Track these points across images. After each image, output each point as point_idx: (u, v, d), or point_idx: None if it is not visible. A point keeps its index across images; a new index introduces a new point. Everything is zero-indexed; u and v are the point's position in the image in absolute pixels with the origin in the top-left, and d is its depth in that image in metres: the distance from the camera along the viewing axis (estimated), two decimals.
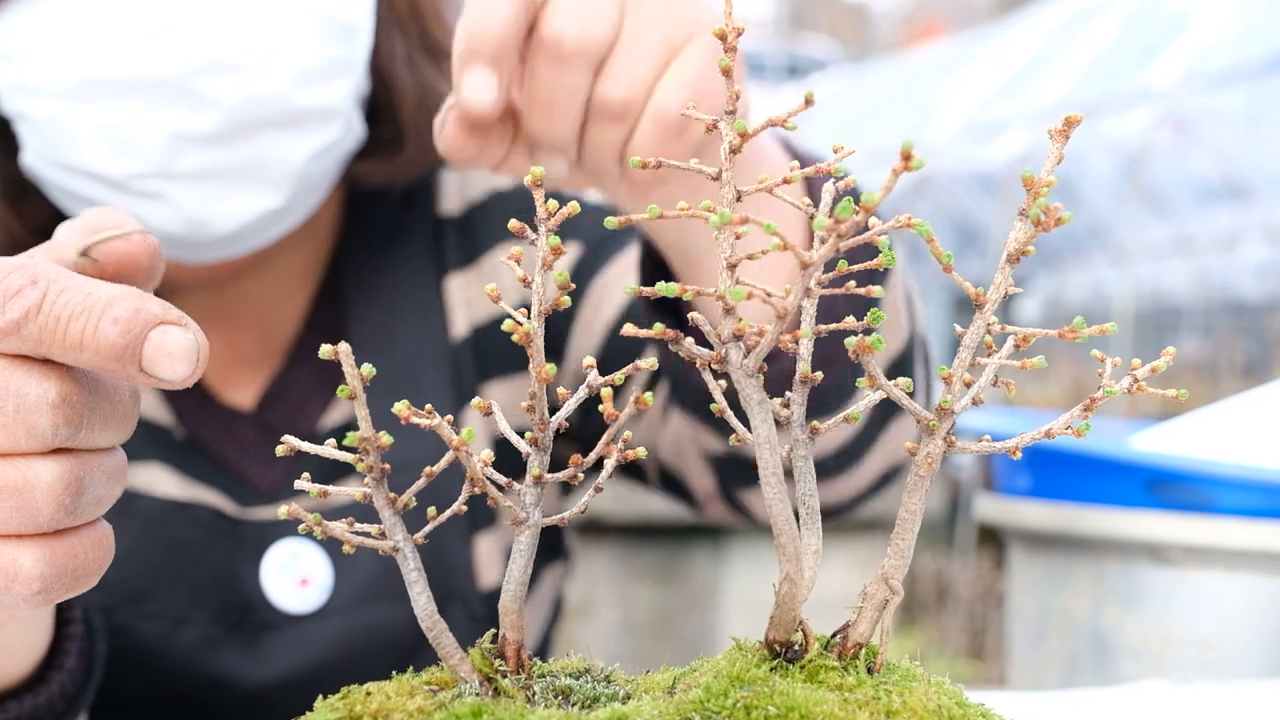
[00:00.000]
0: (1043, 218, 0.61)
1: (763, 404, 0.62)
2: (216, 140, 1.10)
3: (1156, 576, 1.54)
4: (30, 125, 1.13)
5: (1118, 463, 1.62)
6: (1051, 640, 1.67)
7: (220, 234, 1.14)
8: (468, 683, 0.61)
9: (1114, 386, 0.63)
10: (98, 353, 0.61)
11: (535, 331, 0.62)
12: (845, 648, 0.64)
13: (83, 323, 0.61)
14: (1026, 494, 1.72)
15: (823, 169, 0.65)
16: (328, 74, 1.14)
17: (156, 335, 0.62)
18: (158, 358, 0.62)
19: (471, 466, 0.62)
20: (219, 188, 1.12)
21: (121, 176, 1.10)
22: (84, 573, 0.66)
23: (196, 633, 1.18)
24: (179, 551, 1.18)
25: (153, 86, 1.09)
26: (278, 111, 1.11)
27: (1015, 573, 1.82)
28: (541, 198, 0.63)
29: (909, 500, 0.64)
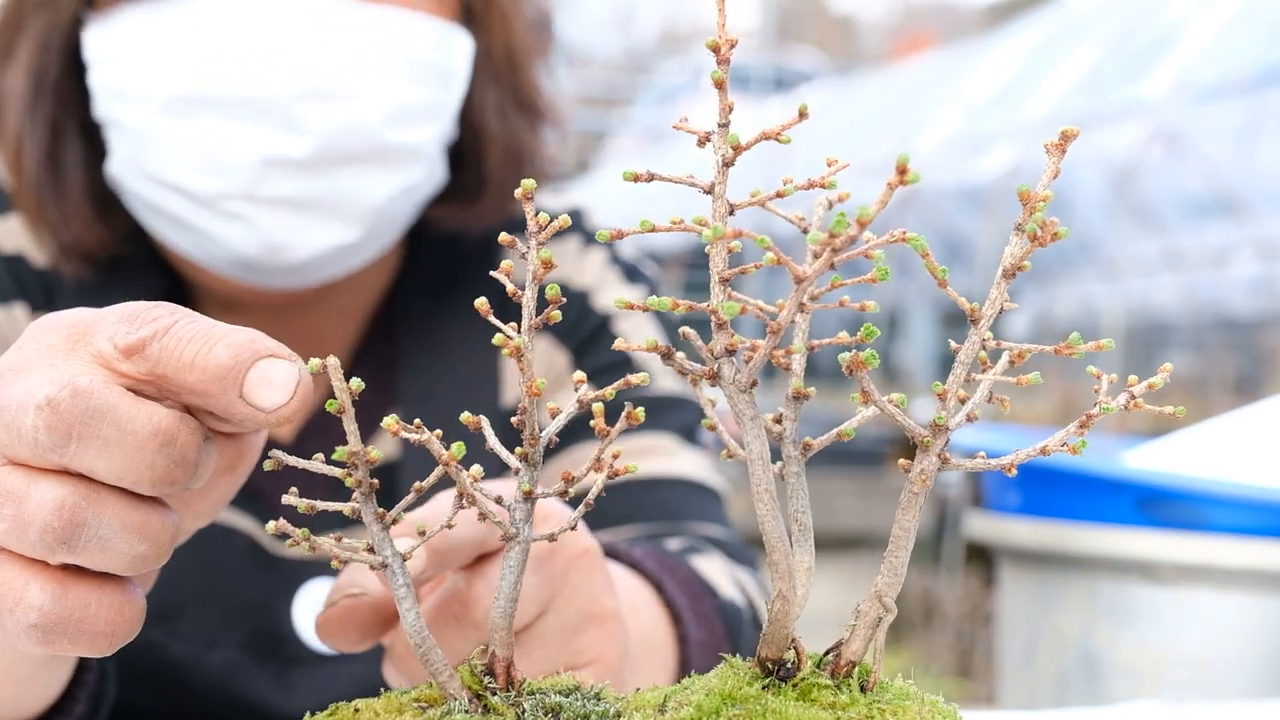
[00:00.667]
0: (1039, 232, 0.60)
1: (755, 420, 0.61)
2: (305, 168, 1.11)
3: (1148, 595, 1.53)
4: (122, 133, 1.13)
5: (1109, 480, 1.61)
6: (1042, 659, 1.66)
7: (293, 262, 1.14)
8: (457, 699, 0.61)
9: (1110, 403, 0.62)
10: (205, 373, 0.62)
11: (526, 345, 0.62)
12: (838, 666, 0.63)
13: (198, 345, 0.62)
14: (1017, 511, 1.72)
15: (816, 183, 0.64)
16: (420, 116, 1.16)
17: (263, 364, 0.62)
18: (259, 384, 0.62)
19: (461, 482, 0.61)
20: (300, 216, 1.13)
21: (207, 194, 1.11)
22: (91, 629, 0.64)
23: (225, 656, 1.18)
24: (213, 574, 1.18)
25: (250, 107, 1.09)
26: (368, 146, 1.13)
27: (1005, 591, 1.81)
28: (532, 210, 0.63)
29: (903, 517, 0.64)
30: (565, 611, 0.83)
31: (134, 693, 1.16)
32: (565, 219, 0.62)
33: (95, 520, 0.62)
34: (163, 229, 1.17)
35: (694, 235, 0.60)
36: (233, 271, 1.17)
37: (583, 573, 0.84)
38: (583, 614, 0.83)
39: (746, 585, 1.17)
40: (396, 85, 1.13)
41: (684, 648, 1.03)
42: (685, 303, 0.60)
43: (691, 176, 0.63)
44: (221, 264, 1.16)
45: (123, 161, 1.15)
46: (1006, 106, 9.34)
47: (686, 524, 1.23)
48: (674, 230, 0.62)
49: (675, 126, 0.65)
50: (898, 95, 12.03)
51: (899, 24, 27.75)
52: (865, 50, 27.08)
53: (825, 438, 0.67)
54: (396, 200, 1.17)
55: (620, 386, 0.63)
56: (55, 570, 0.64)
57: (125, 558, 0.64)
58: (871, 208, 0.57)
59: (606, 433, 0.62)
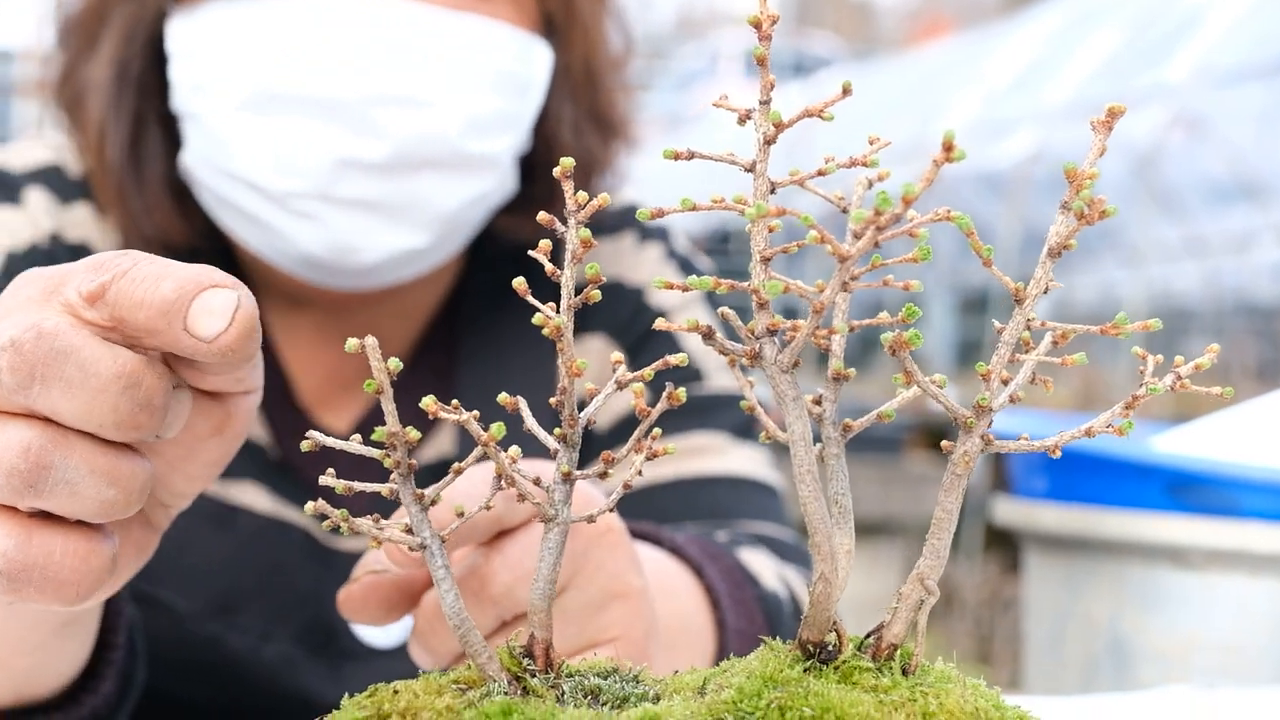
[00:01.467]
0: (1086, 210, 0.59)
1: (797, 400, 0.61)
2: (379, 171, 1.11)
3: (1178, 581, 1.52)
4: (198, 126, 1.14)
5: (1138, 465, 1.60)
6: (1069, 644, 1.65)
7: (361, 265, 1.15)
8: (496, 681, 0.60)
9: (1157, 384, 0.62)
10: (151, 309, 0.61)
11: (565, 325, 0.61)
12: (879, 649, 0.63)
13: (149, 284, 0.62)
14: (1044, 497, 1.71)
15: (858, 160, 0.63)
16: (496, 125, 1.16)
17: (205, 295, 0.62)
18: (200, 314, 0.62)
19: (500, 463, 0.61)
20: (372, 219, 1.13)
21: (280, 192, 1.11)
22: (56, 577, 0.64)
23: (280, 650, 1.19)
24: (271, 569, 1.19)
25: (328, 108, 1.10)
26: (443, 153, 1.13)
27: (1032, 576, 1.80)
28: (570, 189, 0.62)
29: (945, 499, 0.63)
30: (587, 589, 0.82)
31: (189, 686, 1.17)
32: (605, 197, 0.62)
33: (62, 463, 0.62)
34: (233, 223, 1.17)
35: (709, 219, 0.60)
36: (300, 270, 1.17)
37: (605, 550, 0.83)
38: (605, 591, 0.83)
39: (791, 581, 1.17)
40: (475, 94, 1.13)
41: (722, 634, 1.03)
42: (727, 282, 0.60)
43: (732, 154, 0.62)
44: (289, 262, 1.16)
45: (197, 154, 1.15)
46: (1026, 92, 9.30)
47: (738, 522, 1.23)
48: (714, 209, 0.61)
49: (715, 104, 0.64)
50: (916, 80, 11.99)
51: (917, 9, 27.66)
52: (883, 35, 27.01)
53: (865, 419, 0.66)
54: (467, 208, 1.17)
55: (659, 366, 0.62)
56: (21, 515, 0.63)
57: (94, 503, 0.63)
58: (917, 185, 0.56)
59: (646, 413, 0.61)
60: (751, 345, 0.60)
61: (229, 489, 1.18)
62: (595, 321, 1.29)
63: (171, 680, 1.16)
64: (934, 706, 0.59)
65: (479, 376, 1.26)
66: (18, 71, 10.86)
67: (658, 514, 1.21)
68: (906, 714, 0.58)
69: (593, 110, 1.27)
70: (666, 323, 0.61)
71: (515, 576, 0.79)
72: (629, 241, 1.35)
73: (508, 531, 0.81)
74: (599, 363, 1.27)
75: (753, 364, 0.60)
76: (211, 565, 1.18)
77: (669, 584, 1.00)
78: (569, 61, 1.24)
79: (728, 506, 1.24)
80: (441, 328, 1.31)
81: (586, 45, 1.25)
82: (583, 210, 0.62)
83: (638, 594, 0.84)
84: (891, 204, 0.56)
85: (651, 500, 1.23)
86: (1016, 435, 0.61)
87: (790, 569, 1.19)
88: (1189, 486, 1.56)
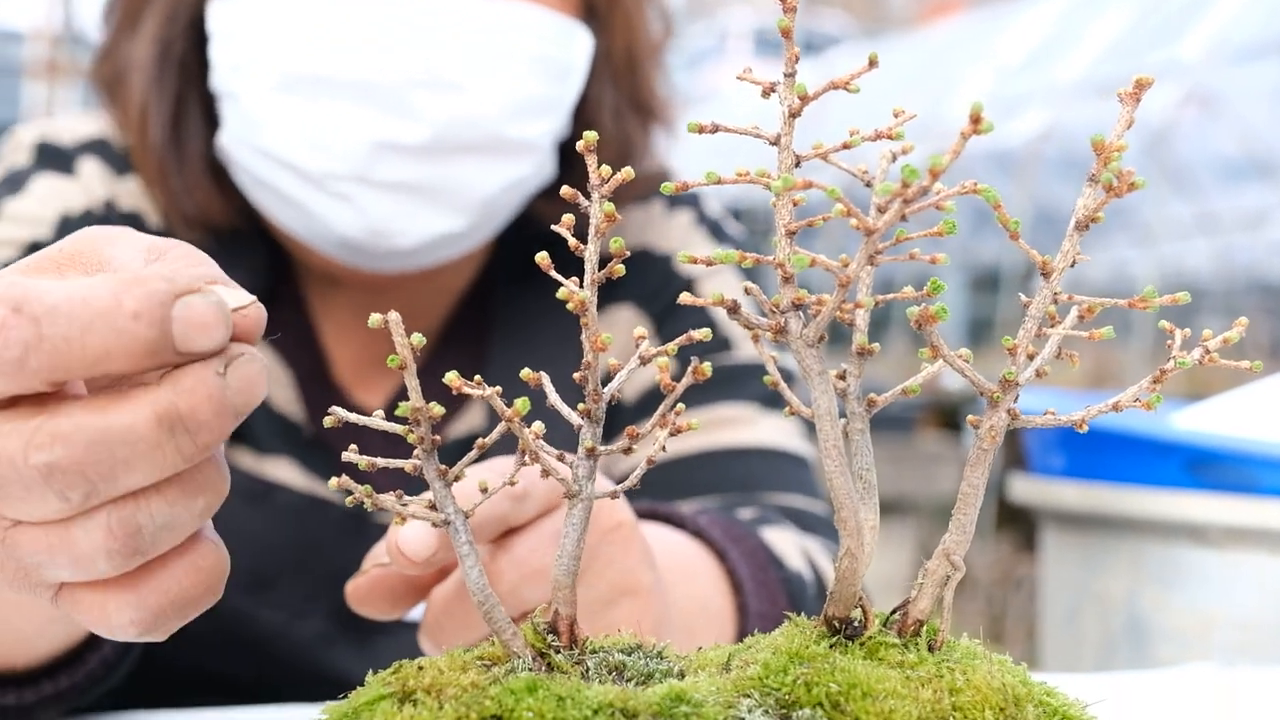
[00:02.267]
0: (1115, 183, 0.59)
1: (823, 375, 0.60)
2: (418, 155, 1.11)
3: (1197, 558, 1.52)
4: (236, 106, 1.14)
5: (1157, 442, 1.60)
6: (1086, 622, 1.65)
7: (398, 248, 1.15)
8: (520, 657, 0.60)
9: (1186, 357, 0.61)
10: (130, 357, 0.52)
11: (589, 299, 0.61)
12: (905, 625, 0.62)
13: (101, 334, 0.52)
14: (1061, 474, 1.70)
15: (883, 133, 0.63)
16: (536, 110, 1.16)
17: (179, 312, 0.53)
18: (190, 333, 0.53)
19: (525, 439, 0.60)
20: (409, 203, 1.13)
21: (317, 174, 1.11)
22: (188, 602, 0.58)
23: (313, 627, 1.19)
24: (307, 546, 1.20)
25: (367, 91, 1.10)
26: (482, 137, 1.13)
27: (1049, 554, 1.80)
28: (594, 163, 0.61)
29: (971, 474, 0.63)
30: (597, 585, 0.82)
31: (221, 662, 1.17)
32: (628, 171, 0.61)
33: (145, 519, 0.56)
34: (269, 204, 1.17)
35: (721, 197, 0.59)
36: (335, 252, 1.17)
37: (616, 546, 0.83)
38: (615, 587, 0.83)
39: (815, 556, 1.16)
40: (515, 79, 1.13)
41: (743, 618, 1.02)
42: (753, 255, 0.59)
43: (756, 127, 0.62)
44: (325, 243, 1.17)
45: (234, 134, 1.15)
46: (1037, 69, 9.26)
47: (764, 494, 1.23)
48: (738, 183, 0.61)
49: (739, 77, 0.64)
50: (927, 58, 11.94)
51: None
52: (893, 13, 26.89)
53: (890, 394, 0.66)
54: (505, 193, 1.17)
55: (682, 342, 0.62)
56: (119, 581, 0.58)
57: (192, 519, 0.57)
58: (944, 158, 0.55)
59: (672, 388, 0.61)
60: (777, 320, 0.59)
61: (264, 465, 1.19)
62: (623, 291, 1.29)
63: (203, 656, 1.16)
64: (961, 682, 0.59)
65: (508, 354, 1.26)
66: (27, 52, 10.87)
67: (687, 487, 1.21)
68: (933, 689, 0.58)
69: (633, 95, 1.28)
70: (691, 296, 0.60)
71: (522, 575, 0.79)
72: (658, 209, 1.35)
73: (515, 530, 0.81)
74: (627, 332, 1.26)
75: (778, 338, 0.60)
76: (246, 541, 1.18)
77: (690, 568, 1.00)
78: (610, 46, 1.24)
79: (757, 478, 1.24)
80: (473, 307, 1.31)
81: (628, 30, 1.25)
82: (606, 185, 0.61)
83: (647, 590, 0.84)
84: (919, 176, 0.55)
85: (680, 473, 1.23)
86: (1052, 409, 0.61)
87: (816, 543, 1.19)
88: (1208, 463, 1.55)
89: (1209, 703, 1.12)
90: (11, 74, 11.70)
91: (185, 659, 1.15)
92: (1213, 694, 1.15)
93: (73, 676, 0.90)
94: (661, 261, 1.32)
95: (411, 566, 0.76)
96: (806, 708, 0.56)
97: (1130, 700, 1.07)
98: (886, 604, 0.65)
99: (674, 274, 1.31)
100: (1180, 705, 1.11)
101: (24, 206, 1.21)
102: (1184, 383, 4.55)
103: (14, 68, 11.43)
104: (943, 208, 0.59)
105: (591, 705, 0.55)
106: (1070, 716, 0.61)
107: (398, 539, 0.77)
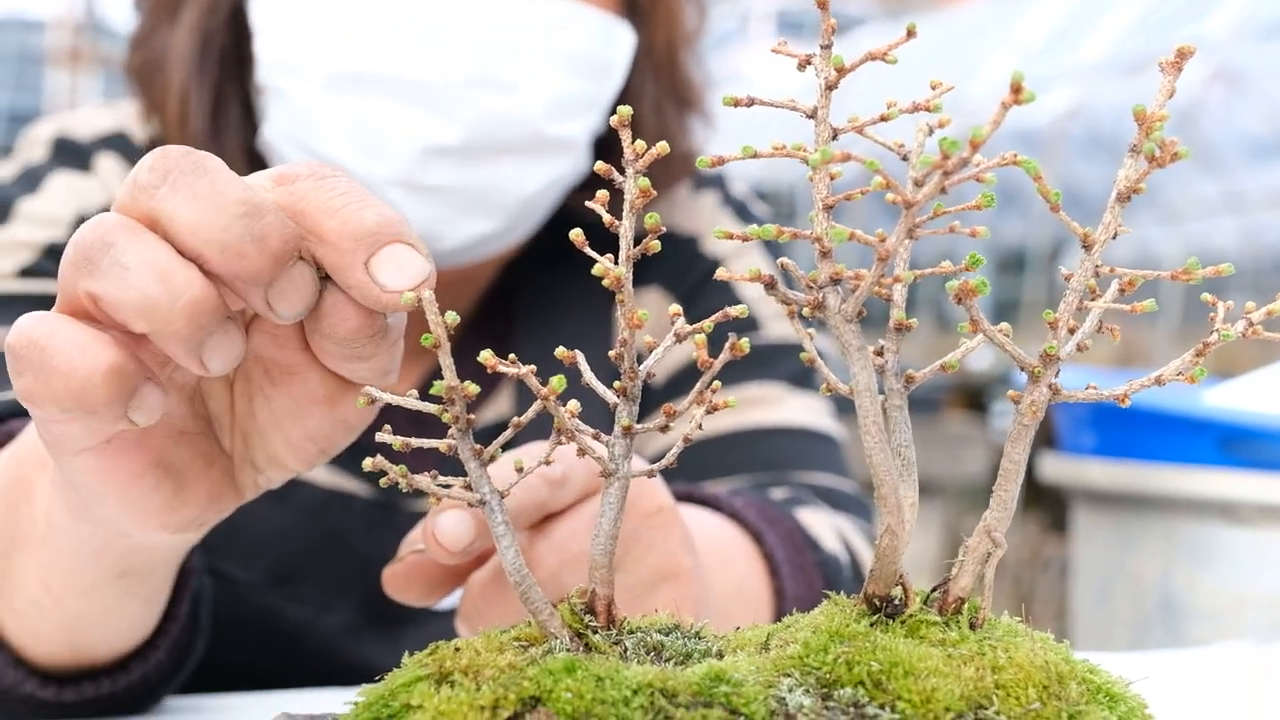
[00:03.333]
0: (1158, 153, 0.58)
1: (862, 350, 0.59)
2: (462, 156, 1.11)
3: (1229, 536, 1.50)
4: (283, 103, 1.13)
5: (1189, 420, 1.58)
6: (1118, 601, 1.64)
7: (439, 251, 1.15)
8: (558, 638, 0.60)
9: (1229, 329, 0.60)
10: (345, 225, 0.60)
11: (625, 276, 0.60)
12: (946, 602, 0.62)
13: (349, 199, 0.61)
14: (1092, 452, 1.69)
15: (920, 105, 0.62)
16: (576, 108, 1.15)
17: (400, 248, 0.60)
18: (388, 261, 0.60)
19: (560, 417, 0.60)
20: (452, 207, 1.13)
21: (363, 177, 1.11)
22: (50, 363, 0.58)
23: (340, 619, 1.19)
24: (332, 539, 1.19)
25: (412, 91, 1.09)
26: (524, 137, 1.13)
27: (1080, 533, 1.79)
28: (629, 138, 0.61)
29: (1012, 450, 0.62)
30: (637, 570, 0.82)
31: (249, 655, 1.17)
32: (663, 146, 0.61)
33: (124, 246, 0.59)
34: None
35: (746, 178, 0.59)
36: None
37: (657, 531, 0.82)
38: (656, 572, 0.82)
39: (849, 537, 1.16)
40: (557, 77, 1.13)
41: (780, 601, 1.02)
42: (790, 230, 0.58)
43: (793, 101, 0.61)
44: None
45: (279, 129, 1.15)
46: (1062, 48, 9.21)
47: (795, 473, 1.22)
48: (775, 156, 0.60)
49: (774, 50, 0.63)
50: (952, 38, 11.88)
51: None
52: None
53: (928, 370, 0.65)
54: (544, 191, 1.17)
55: (719, 319, 0.61)
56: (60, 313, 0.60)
57: (136, 293, 0.58)
58: (985, 128, 0.55)
59: (709, 364, 0.60)
60: (815, 295, 0.59)
61: None
62: (650, 273, 1.29)
63: (231, 649, 1.16)
64: (1003, 660, 0.58)
65: (535, 342, 1.26)
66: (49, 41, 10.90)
67: (717, 467, 1.21)
68: (975, 667, 0.58)
69: (673, 90, 1.27)
70: (727, 271, 0.60)
71: (561, 560, 0.79)
72: (684, 191, 1.34)
73: (554, 516, 0.80)
74: (654, 314, 1.26)
75: (815, 314, 0.59)
76: (270, 538, 1.18)
77: (727, 552, 1.00)
78: (651, 41, 1.24)
79: (788, 457, 1.23)
80: (499, 297, 1.31)
81: (669, 24, 1.25)
82: (641, 160, 0.61)
83: (688, 574, 0.84)
84: (959, 148, 0.54)
85: (711, 453, 1.22)
86: (1094, 384, 0.60)
87: (847, 522, 1.18)
88: (1240, 441, 1.53)
89: (1243, 682, 1.11)
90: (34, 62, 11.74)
91: (213, 653, 1.15)
92: (1247, 673, 1.14)
93: (144, 666, 0.90)
94: (688, 244, 1.31)
95: (448, 556, 0.76)
96: (848, 686, 0.56)
97: (1164, 679, 1.07)
98: (914, 585, 0.65)
99: (700, 256, 1.31)
100: (1214, 684, 1.10)
101: (41, 206, 1.21)
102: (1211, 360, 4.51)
103: (37, 56, 11.47)
104: (983, 179, 0.59)
105: (630, 685, 0.54)
106: (1113, 694, 0.60)
107: (434, 527, 0.76)
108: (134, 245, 0.58)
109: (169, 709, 0.94)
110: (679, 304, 0.71)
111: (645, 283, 1.28)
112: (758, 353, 1.25)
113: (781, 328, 1.28)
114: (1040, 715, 0.57)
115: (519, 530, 0.80)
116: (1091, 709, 0.58)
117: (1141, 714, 0.60)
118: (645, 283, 1.28)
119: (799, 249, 4.20)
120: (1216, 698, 1.04)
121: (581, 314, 1.25)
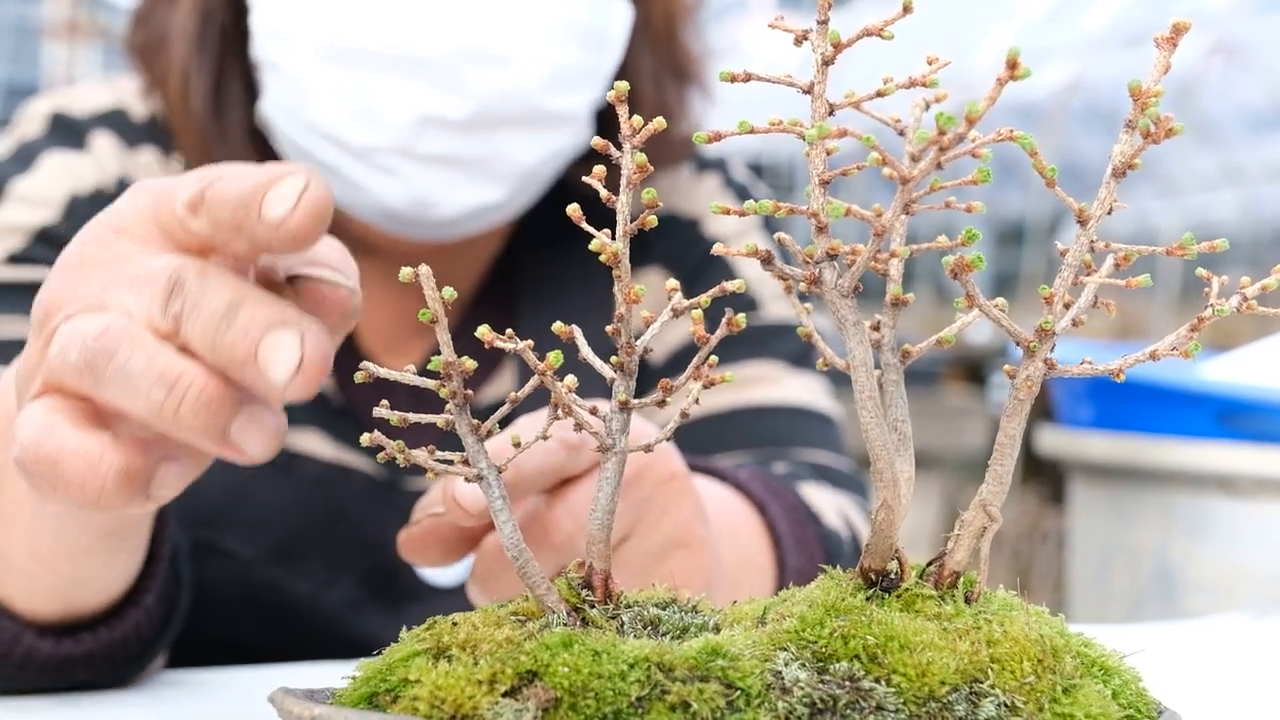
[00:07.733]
0: (1153, 129, 0.58)
1: (858, 325, 0.60)
2: (461, 128, 1.11)
3: (1227, 509, 1.50)
4: (278, 75, 1.13)
5: (1187, 393, 1.58)
6: (1115, 574, 1.64)
7: (439, 218, 1.15)
8: (555, 613, 0.60)
9: (1224, 305, 0.60)
10: (235, 201, 0.61)
11: (622, 251, 0.60)
12: (941, 576, 0.62)
13: (236, 180, 0.61)
14: (1090, 425, 1.69)
15: (917, 81, 0.62)
16: (576, 81, 1.15)
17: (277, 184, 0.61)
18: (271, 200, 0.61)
19: (557, 392, 0.60)
20: (452, 175, 1.13)
21: (361, 147, 1.11)
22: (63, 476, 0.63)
23: (343, 594, 1.20)
24: (334, 514, 1.20)
25: (409, 64, 1.09)
26: (524, 110, 1.12)
27: (1077, 506, 1.79)
28: (625, 114, 0.61)
29: (1008, 424, 0.62)
30: (650, 537, 0.82)
31: (251, 630, 1.18)
32: (660, 122, 0.61)
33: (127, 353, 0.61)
34: None
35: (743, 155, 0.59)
36: (378, 221, 1.18)
37: (670, 498, 0.83)
38: (668, 539, 0.82)
39: (849, 514, 1.16)
40: (555, 50, 1.12)
41: (782, 573, 1.02)
42: (786, 205, 0.59)
43: (790, 76, 0.61)
44: (367, 212, 1.17)
45: (276, 103, 1.15)
46: (1063, 20, 9.18)
47: (793, 450, 1.23)
48: (771, 132, 0.60)
49: (771, 25, 0.63)
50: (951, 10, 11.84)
51: None
52: None
53: (924, 344, 0.65)
54: (545, 163, 1.17)
55: (716, 293, 0.61)
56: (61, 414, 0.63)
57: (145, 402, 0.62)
58: (980, 104, 0.55)
59: (706, 340, 0.61)
60: (811, 270, 0.59)
61: (290, 436, 1.19)
62: (651, 254, 1.29)
63: (234, 624, 1.17)
64: (998, 634, 0.58)
65: (537, 318, 1.26)
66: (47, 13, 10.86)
67: (715, 444, 1.21)
68: (971, 641, 0.58)
69: (672, 62, 1.27)
70: (725, 247, 0.60)
71: (578, 524, 0.79)
72: (685, 173, 1.34)
73: (571, 480, 0.80)
74: (655, 294, 1.26)
75: (812, 289, 0.59)
76: (273, 513, 1.18)
77: (733, 522, 1.00)
78: (650, 14, 1.24)
79: (785, 435, 1.23)
80: (501, 273, 1.31)
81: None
82: (638, 135, 0.61)
83: (700, 543, 0.84)
84: (955, 123, 0.55)
85: (707, 430, 1.22)
86: (1089, 359, 0.60)
87: (845, 498, 1.19)
88: (1237, 414, 1.54)
89: (1239, 654, 1.12)
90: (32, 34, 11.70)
91: (215, 628, 1.16)
92: (1243, 645, 1.15)
93: (136, 612, 0.90)
94: (689, 225, 1.31)
95: (467, 518, 0.76)
96: (843, 660, 0.56)
97: (1160, 652, 1.07)
98: (913, 558, 0.65)
99: (701, 238, 1.31)
100: (1210, 657, 1.10)
101: (33, 185, 1.20)
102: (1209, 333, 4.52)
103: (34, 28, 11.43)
104: (979, 155, 0.59)
105: (627, 660, 0.55)
106: (1108, 667, 0.61)
107: (454, 490, 0.77)
108: (135, 352, 0.61)
109: (169, 682, 0.95)
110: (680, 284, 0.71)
111: (646, 263, 1.28)
112: (757, 332, 1.26)
113: (781, 308, 1.28)
114: (1035, 689, 0.57)
115: (537, 494, 0.80)
116: (1086, 682, 0.58)
117: (1135, 687, 0.60)
118: (646, 263, 1.28)
119: (797, 224, 4.17)
120: (1213, 670, 1.04)
121: (586, 289, 1.25)
